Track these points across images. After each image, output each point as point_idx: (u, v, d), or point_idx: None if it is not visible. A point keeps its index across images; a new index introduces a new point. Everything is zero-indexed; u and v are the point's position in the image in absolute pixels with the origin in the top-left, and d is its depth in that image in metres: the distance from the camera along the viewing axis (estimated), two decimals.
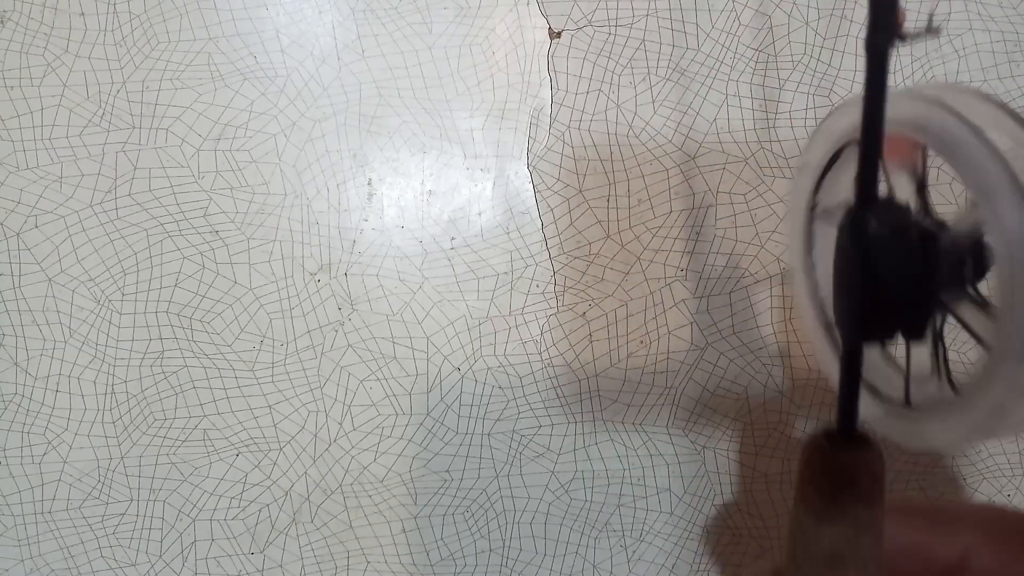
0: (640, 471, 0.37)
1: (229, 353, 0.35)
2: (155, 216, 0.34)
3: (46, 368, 0.35)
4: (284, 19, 0.34)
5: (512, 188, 0.35)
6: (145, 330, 0.35)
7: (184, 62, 0.34)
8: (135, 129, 0.34)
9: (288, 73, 0.34)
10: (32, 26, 0.33)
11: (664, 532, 0.37)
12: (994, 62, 0.35)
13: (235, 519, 0.36)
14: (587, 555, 0.37)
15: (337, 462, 0.36)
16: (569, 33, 0.34)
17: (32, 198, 0.34)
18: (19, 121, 0.34)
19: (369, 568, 0.37)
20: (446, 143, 0.35)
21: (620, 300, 0.36)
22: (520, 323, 0.35)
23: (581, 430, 0.36)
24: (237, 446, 0.36)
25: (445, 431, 0.36)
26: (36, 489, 0.36)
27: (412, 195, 0.35)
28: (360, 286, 0.35)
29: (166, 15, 0.34)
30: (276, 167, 0.34)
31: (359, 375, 0.36)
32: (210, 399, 0.35)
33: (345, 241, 0.35)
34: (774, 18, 0.34)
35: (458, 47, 0.34)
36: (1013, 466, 0.37)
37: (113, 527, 0.36)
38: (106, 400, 0.35)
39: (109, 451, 0.35)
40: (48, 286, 0.35)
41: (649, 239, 0.35)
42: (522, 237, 0.35)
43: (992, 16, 0.35)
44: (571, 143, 0.35)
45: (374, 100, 0.34)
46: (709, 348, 0.36)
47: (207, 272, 0.35)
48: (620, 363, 0.36)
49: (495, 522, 0.37)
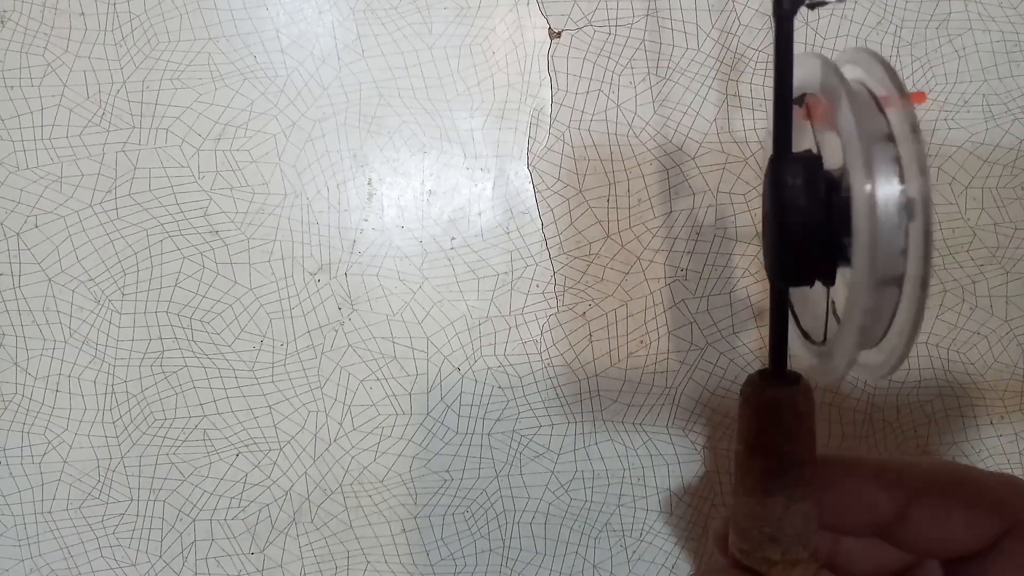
0: (640, 471, 0.37)
1: (229, 353, 0.35)
2: (155, 216, 0.34)
3: (46, 368, 0.35)
4: (284, 19, 0.34)
5: (512, 188, 0.35)
6: (145, 330, 0.35)
7: (184, 62, 0.34)
8: (135, 129, 0.34)
9: (288, 73, 0.34)
10: (32, 26, 0.33)
11: (664, 532, 0.37)
12: (994, 62, 0.35)
13: (235, 519, 0.36)
14: (587, 555, 0.37)
15: (337, 462, 0.36)
16: (569, 33, 0.34)
17: (32, 198, 0.34)
18: (19, 121, 0.34)
19: (369, 568, 0.37)
20: (446, 143, 0.35)
21: (620, 300, 0.36)
22: (520, 323, 0.35)
23: (581, 430, 0.36)
24: (237, 446, 0.36)
25: (445, 431, 0.36)
26: (36, 489, 0.36)
27: (412, 195, 0.35)
28: (360, 286, 0.35)
29: (166, 15, 0.34)
30: (276, 167, 0.34)
31: (359, 375, 0.36)
32: (210, 399, 0.35)
33: (345, 241, 0.35)
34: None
35: (458, 47, 0.34)
36: (1013, 466, 0.37)
37: (113, 527, 0.36)
38: (106, 400, 0.35)
39: (109, 451, 0.36)
40: (48, 286, 0.35)
41: (649, 239, 0.35)
42: (522, 237, 0.35)
43: (992, 16, 0.35)
44: (571, 143, 0.35)
45: (374, 100, 0.34)
46: (709, 348, 0.36)
47: (207, 272, 0.35)
48: (620, 363, 0.36)
49: (495, 522, 0.37)
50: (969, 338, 0.36)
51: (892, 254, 0.19)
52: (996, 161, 0.35)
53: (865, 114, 0.19)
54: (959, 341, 0.36)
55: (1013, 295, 0.36)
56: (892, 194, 0.19)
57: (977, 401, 0.37)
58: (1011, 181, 0.35)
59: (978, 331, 0.36)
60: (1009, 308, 0.36)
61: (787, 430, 0.21)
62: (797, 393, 0.21)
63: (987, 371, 0.36)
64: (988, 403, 0.37)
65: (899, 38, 0.35)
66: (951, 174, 0.35)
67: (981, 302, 0.36)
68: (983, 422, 0.37)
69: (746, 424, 0.22)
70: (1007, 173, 0.35)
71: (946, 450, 0.37)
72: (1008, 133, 0.35)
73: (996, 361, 0.36)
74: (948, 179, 0.36)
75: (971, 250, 0.36)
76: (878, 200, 0.18)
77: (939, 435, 0.37)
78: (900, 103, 0.19)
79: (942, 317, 0.36)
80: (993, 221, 0.36)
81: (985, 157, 0.35)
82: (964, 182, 0.35)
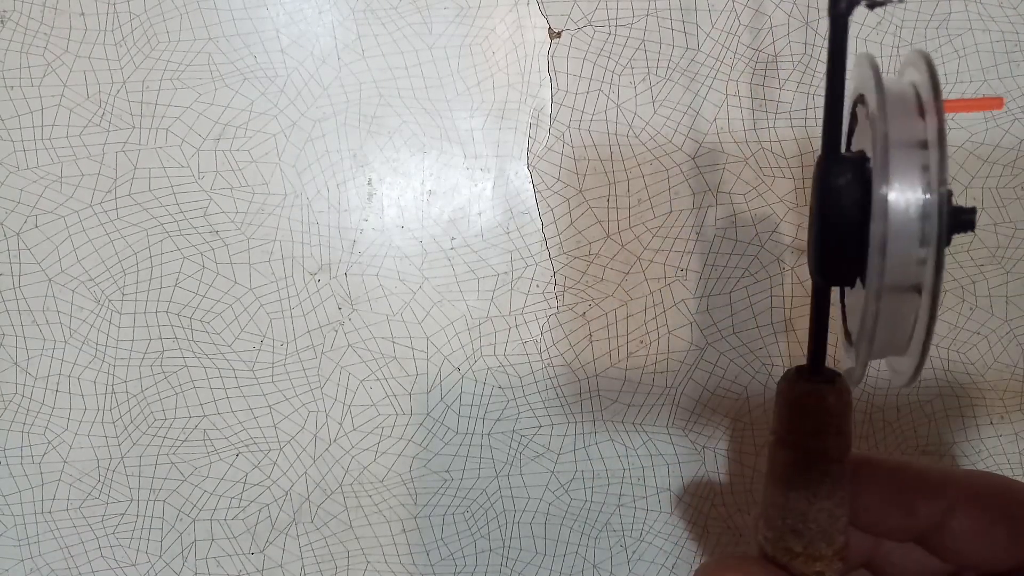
0: (640, 471, 0.37)
1: (229, 353, 0.35)
2: (155, 216, 0.34)
3: (46, 368, 0.35)
4: (284, 19, 0.34)
5: (512, 188, 0.35)
6: (145, 330, 0.35)
7: (184, 62, 0.34)
8: (135, 129, 0.34)
9: (288, 73, 0.34)
10: (32, 26, 0.33)
11: (664, 532, 0.37)
12: (994, 62, 0.35)
13: (235, 519, 0.36)
14: (587, 555, 0.37)
15: (337, 462, 0.36)
16: (569, 33, 0.34)
17: (32, 198, 0.34)
18: (19, 121, 0.34)
19: (369, 568, 0.37)
20: (446, 143, 0.35)
21: (620, 300, 0.36)
22: (520, 323, 0.35)
23: (581, 430, 0.36)
24: (237, 446, 0.36)
25: (445, 431, 0.36)
26: (36, 489, 0.36)
27: (412, 195, 0.35)
28: (360, 286, 0.35)
29: (166, 15, 0.34)
30: (276, 167, 0.34)
31: (359, 375, 0.36)
32: (210, 399, 0.35)
33: (345, 241, 0.35)
34: (774, 18, 0.34)
35: (458, 47, 0.34)
36: (1013, 466, 0.37)
37: (113, 527, 0.36)
38: (106, 400, 0.35)
39: (109, 451, 0.36)
40: (48, 286, 0.35)
41: (649, 239, 0.35)
42: (522, 237, 0.35)
43: (992, 16, 0.35)
44: (571, 143, 0.35)
45: (374, 100, 0.34)
46: (709, 348, 0.36)
47: (207, 272, 0.35)
48: (620, 363, 0.36)
49: (495, 522, 0.37)
50: (969, 338, 0.36)
51: (907, 261, 0.18)
52: (996, 161, 0.35)
53: (898, 118, 0.19)
54: (959, 341, 0.36)
55: (1013, 295, 0.36)
56: (914, 201, 0.18)
57: (977, 401, 0.37)
58: (1011, 181, 0.35)
59: (978, 331, 0.36)
60: (1009, 308, 0.36)
61: (814, 427, 0.21)
62: (829, 392, 0.21)
63: (987, 371, 0.36)
64: (988, 403, 0.37)
65: (899, 38, 0.35)
66: (951, 174, 0.35)
67: (981, 302, 0.36)
68: (983, 422, 0.37)
69: (776, 416, 0.22)
70: (1007, 173, 0.35)
71: (946, 450, 0.37)
72: (1008, 133, 0.35)
73: (996, 361, 0.36)
74: (948, 179, 0.35)
75: (971, 250, 0.36)
76: (891, 205, 0.18)
77: (939, 435, 0.37)
78: (933, 108, 0.19)
79: (942, 317, 0.36)
80: (993, 221, 0.36)
81: (985, 157, 0.35)
82: (964, 182, 0.35)
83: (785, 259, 0.35)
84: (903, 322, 0.19)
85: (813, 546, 0.21)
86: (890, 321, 0.19)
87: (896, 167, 0.18)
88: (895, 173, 0.18)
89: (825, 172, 0.20)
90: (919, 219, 0.18)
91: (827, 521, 0.21)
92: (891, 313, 0.19)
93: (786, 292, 0.36)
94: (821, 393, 0.21)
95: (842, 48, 0.20)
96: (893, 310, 0.19)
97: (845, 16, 0.20)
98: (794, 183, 0.35)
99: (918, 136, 0.19)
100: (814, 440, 0.21)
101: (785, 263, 0.35)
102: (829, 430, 0.21)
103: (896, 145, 0.18)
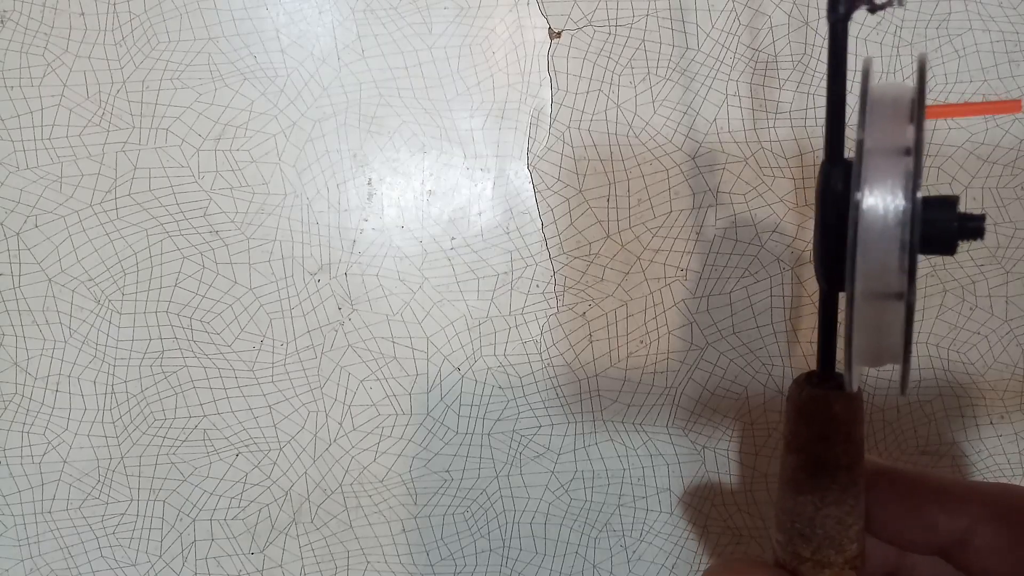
0: (640, 471, 0.37)
1: (229, 353, 0.35)
2: (155, 216, 0.34)
3: (46, 368, 0.35)
4: (284, 19, 0.34)
5: (512, 188, 0.35)
6: (145, 330, 0.35)
7: (184, 62, 0.34)
8: (135, 129, 0.34)
9: (288, 73, 0.34)
10: (32, 26, 0.33)
11: (664, 532, 0.37)
12: (994, 62, 0.35)
13: (235, 519, 0.36)
14: (587, 555, 0.37)
15: (337, 462, 0.36)
16: (569, 33, 0.34)
17: (32, 198, 0.34)
18: (19, 121, 0.34)
19: (369, 568, 0.37)
20: (446, 143, 0.35)
21: (620, 300, 0.36)
22: (520, 323, 0.35)
23: (581, 430, 0.36)
24: (237, 446, 0.36)
25: (445, 431, 0.36)
26: (36, 489, 0.36)
27: (412, 195, 0.35)
28: (360, 286, 0.35)
29: (166, 15, 0.34)
30: (276, 167, 0.34)
31: (359, 375, 0.36)
32: (210, 399, 0.35)
33: (345, 241, 0.35)
34: (774, 18, 0.34)
35: (458, 47, 0.34)
36: (1013, 466, 0.37)
37: (113, 527, 0.36)
38: (106, 400, 0.35)
39: (109, 451, 0.36)
40: (48, 286, 0.35)
41: (649, 239, 0.35)
42: (522, 237, 0.35)
43: (992, 16, 0.35)
44: (571, 143, 0.35)
45: (374, 100, 0.34)
46: (709, 348, 0.36)
47: (207, 272, 0.35)
48: (620, 363, 0.36)
49: (495, 522, 0.37)
50: (969, 338, 0.36)
51: (887, 269, 0.18)
52: (996, 161, 0.35)
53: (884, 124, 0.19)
54: (959, 341, 0.36)
55: (1013, 295, 0.36)
56: (893, 208, 0.18)
57: (977, 401, 0.37)
58: (1011, 181, 0.35)
59: (978, 331, 0.36)
60: (1009, 308, 0.36)
61: (820, 432, 0.21)
62: (836, 398, 0.21)
63: (987, 371, 0.36)
64: (988, 403, 0.37)
65: (899, 38, 0.35)
66: (951, 174, 0.35)
67: (981, 302, 0.36)
68: (983, 422, 0.37)
69: (785, 420, 0.22)
70: (1007, 173, 0.35)
71: (946, 450, 0.37)
72: (1008, 133, 0.35)
73: (996, 361, 0.36)
74: (948, 179, 0.36)
75: (971, 250, 0.36)
76: (866, 211, 0.18)
77: (939, 435, 0.37)
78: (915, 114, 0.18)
79: (942, 317, 0.36)
80: (993, 221, 0.36)
81: (985, 157, 0.35)
82: (964, 182, 0.35)
83: (785, 259, 0.35)
84: (888, 330, 0.19)
85: (821, 552, 0.21)
86: (873, 329, 0.19)
87: (873, 173, 0.18)
88: (871, 179, 0.18)
89: (826, 177, 0.20)
90: (897, 226, 0.18)
91: (835, 528, 0.21)
92: (873, 321, 0.19)
93: (786, 292, 0.36)
94: (828, 399, 0.21)
95: (842, 52, 0.20)
96: (875, 318, 0.19)
97: (844, 20, 0.20)
98: (794, 183, 0.35)
99: (902, 142, 0.18)
100: (821, 446, 0.21)
101: (785, 263, 0.35)
102: (837, 436, 0.21)
103: (876, 152, 0.18)
